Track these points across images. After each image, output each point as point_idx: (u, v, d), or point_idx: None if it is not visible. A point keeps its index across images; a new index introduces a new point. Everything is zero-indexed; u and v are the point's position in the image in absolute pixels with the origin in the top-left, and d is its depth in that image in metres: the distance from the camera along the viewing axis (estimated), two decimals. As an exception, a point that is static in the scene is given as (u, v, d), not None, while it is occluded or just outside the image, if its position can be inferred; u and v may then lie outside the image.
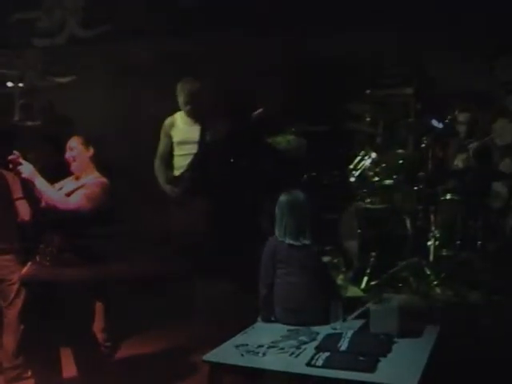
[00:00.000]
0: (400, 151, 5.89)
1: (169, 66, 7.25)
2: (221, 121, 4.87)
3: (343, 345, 3.48)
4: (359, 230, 5.48)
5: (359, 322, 3.87)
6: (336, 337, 3.59)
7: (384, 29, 6.56)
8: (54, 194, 4.24)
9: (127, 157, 6.26)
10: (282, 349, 3.48)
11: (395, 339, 3.57)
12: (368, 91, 6.97)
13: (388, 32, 6.56)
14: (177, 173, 5.35)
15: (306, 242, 4.00)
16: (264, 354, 3.42)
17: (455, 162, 5.84)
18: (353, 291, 5.20)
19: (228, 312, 4.40)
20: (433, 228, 5.46)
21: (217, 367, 3.43)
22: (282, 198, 4.07)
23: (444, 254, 5.46)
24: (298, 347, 3.49)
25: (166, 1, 7.52)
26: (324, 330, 3.75)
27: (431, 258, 5.40)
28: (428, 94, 6.61)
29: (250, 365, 3.35)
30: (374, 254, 5.39)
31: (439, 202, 5.50)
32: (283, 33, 6.78)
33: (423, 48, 6.62)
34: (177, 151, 5.37)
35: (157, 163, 5.45)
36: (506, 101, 5.96)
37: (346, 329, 3.72)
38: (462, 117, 5.70)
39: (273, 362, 3.35)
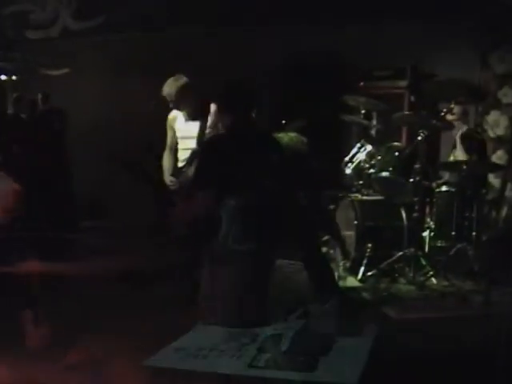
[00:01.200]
0: (395, 144, 5.91)
1: (166, 56, 7.26)
2: (220, 116, 4.85)
3: (284, 345, 3.54)
4: (356, 222, 5.54)
5: (300, 323, 3.91)
6: (277, 337, 3.64)
7: (378, 21, 6.62)
8: None
9: (122, 149, 6.27)
10: (223, 351, 3.48)
11: (335, 338, 3.63)
12: (362, 83, 7.04)
13: (382, 24, 6.62)
14: (180, 165, 5.40)
15: (251, 245, 3.97)
16: (205, 357, 3.41)
17: (452, 156, 5.93)
18: (350, 282, 5.30)
19: (171, 315, 4.29)
20: (428, 219, 5.54)
21: (158, 372, 3.38)
22: (231, 202, 4.04)
23: (439, 244, 5.52)
24: (239, 349, 3.50)
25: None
26: (265, 331, 3.76)
27: (426, 248, 5.47)
28: (422, 87, 6.67)
29: (191, 368, 3.32)
30: (370, 245, 5.45)
31: (434, 193, 5.56)
32: (277, 29, 6.83)
33: (417, 40, 6.67)
34: (180, 145, 5.41)
35: (165, 155, 5.49)
36: (499, 93, 6.03)
37: (287, 329, 3.76)
38: (457, 109, 5.75)
39: (214, 364, 3.35)
